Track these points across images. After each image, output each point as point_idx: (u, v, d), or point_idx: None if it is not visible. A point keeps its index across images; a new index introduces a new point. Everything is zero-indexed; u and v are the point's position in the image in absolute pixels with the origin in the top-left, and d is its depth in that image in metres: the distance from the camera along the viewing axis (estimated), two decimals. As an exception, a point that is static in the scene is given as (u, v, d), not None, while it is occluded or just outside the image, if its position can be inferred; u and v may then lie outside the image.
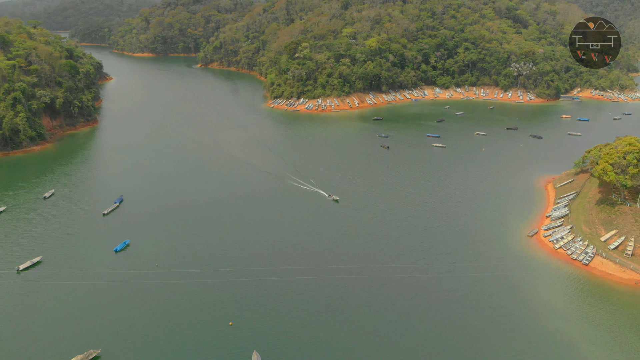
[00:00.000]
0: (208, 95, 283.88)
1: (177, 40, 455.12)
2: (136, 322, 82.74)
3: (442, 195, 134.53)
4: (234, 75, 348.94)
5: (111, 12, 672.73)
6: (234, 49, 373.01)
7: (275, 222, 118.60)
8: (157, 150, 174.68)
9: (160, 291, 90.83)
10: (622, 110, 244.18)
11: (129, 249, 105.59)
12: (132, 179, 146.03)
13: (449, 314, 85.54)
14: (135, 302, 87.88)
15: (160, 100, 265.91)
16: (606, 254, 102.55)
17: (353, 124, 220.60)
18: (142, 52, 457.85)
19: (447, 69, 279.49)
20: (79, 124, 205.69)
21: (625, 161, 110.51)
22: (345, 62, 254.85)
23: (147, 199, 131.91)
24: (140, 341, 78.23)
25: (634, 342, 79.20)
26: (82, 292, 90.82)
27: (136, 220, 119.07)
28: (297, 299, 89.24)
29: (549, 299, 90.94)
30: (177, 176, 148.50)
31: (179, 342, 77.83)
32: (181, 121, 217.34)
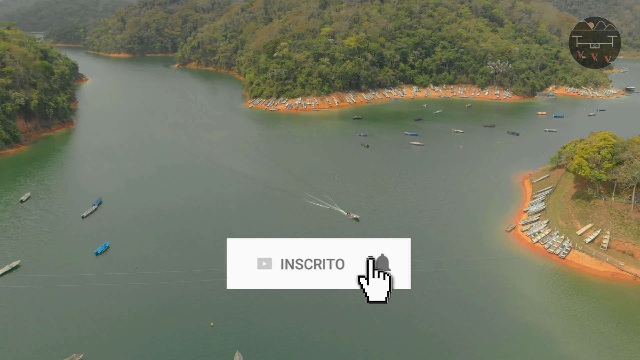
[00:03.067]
0: (186, 95, 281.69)
1: (154, 41, 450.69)
2: (118, 325, 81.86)
3: (423, 194, 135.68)
4: (212, 75, 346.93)
5: (86, 13, 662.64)
6: (212, 49, 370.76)
7: (255, 222, 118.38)
8: (136, 151, 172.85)
9: (142, 293, 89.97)
10: (596, 107, 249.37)
11: (109, 252, 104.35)
12: (111, 181, 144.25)
13: (432, 311, 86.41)
14: (117, 305, 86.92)
15: (137, 101, 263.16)
16: (582, 247, 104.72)
17: (333, 123, 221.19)
18: (119, 52, 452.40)
19: (425, 67, 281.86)
20: (55, 126, 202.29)
21: (600, 156, 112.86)
22: (325, 62, 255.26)
23: (126, 200, 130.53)
24: (122, 344, 77.45)
25: (611, 333, 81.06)
26: (63, 296, 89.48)
27: (116, 223, 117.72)
28: (278, 298, 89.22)
29: (527, 292, 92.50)
30: (156, 178, 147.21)
31: (160, 344, 77.29)
32: (159, 122, 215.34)
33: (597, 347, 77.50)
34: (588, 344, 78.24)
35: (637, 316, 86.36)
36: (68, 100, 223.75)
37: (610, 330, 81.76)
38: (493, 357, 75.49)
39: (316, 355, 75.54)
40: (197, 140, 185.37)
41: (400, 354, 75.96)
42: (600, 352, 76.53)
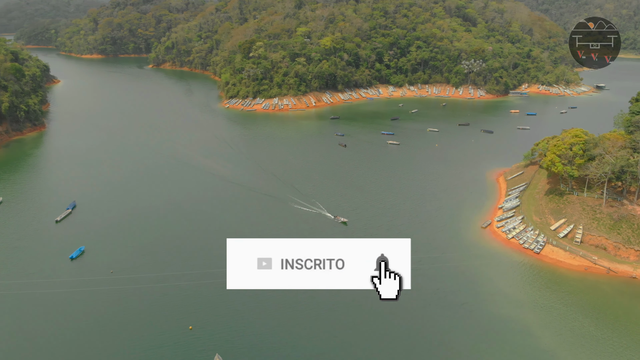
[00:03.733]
0: (161, 96, 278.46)
1: (127, 41, 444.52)
2: (94, 331, 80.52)
3: (401, 193, 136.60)
4: (187, 76, 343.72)
5: (58, 13, 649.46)
6: (186, 49, 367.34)
7: (232, 224, 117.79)
8: (110, 154, 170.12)
9: (118, 298, 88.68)
10: (567, 104, 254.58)
11: (84, 256, 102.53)
12: (85, 185, 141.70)
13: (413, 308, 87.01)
14: (93, 310, 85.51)
15: (111, 103, 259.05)
16: (556, 242, 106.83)
17: (311, 123, 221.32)
18: (91, 53, 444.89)
19: (401, 67, 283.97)
20: (26, 129, 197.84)
21: (572, 152, 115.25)
22: (301, 61, 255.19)
23: (101, 204, 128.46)
24: (99, 350, 76.21)
25: (585, 326, 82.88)
26: (37, 302, 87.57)
27: (90, 226, 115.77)
28: (258, 299, 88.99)
29: (503, 287, 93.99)
30: (132, 181, 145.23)
31: (138, 349, 76.28)
32: (134, 124, 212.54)
33: (572, 340, 79.14)
34: (563, 337, 79.83)
35: (610, 309, 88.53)
36: (40, 103, 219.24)
37: (585, 323, 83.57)
38: (473, 352, 76.48)
39: (298, 356, 75.51)
40: (172, 142, 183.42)
41: (382, 351, 76.42)
42: (575, 344, 78.17)
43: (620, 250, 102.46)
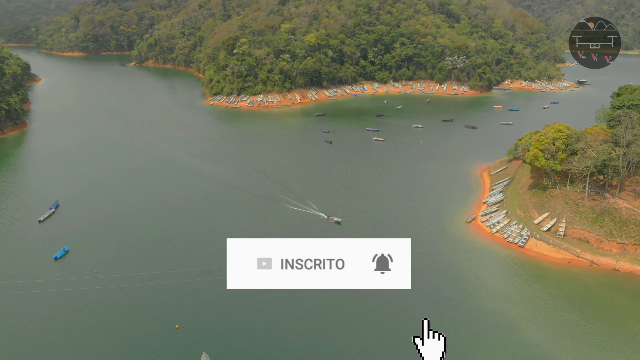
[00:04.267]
0: (145, 94, 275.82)
1: (109, 39, 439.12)
2: (80, 332, 79.76)
3: (387, 189, 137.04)
4: (170, 73, 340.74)
5: (38, 11, 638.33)
6: (169, 46, 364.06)
7: (220, 223, 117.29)
8: (93, 153, 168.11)
9: (103, 298, 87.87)
10: (550, 100, 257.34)
11: (68, 256, 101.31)
12: (67, 184, 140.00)
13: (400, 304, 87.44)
14: (78, 311, 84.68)
15: (93, 101, 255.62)
16: (540, 235, 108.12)
17: (296, 119, 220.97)
18: (73, 51, 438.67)
19: (385, 64, 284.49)
20: (7, 128, 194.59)
21: (555, 147, 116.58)
22: (285, 58, 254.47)
23: (84, 203, 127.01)
24: (84, 351, 75.49)
25: (569, 318, 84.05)
26: (21, 303, 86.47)
27: (74, 226, 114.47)
28: (244, 298, 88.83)
29: (489, 282, 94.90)
30: (115, 180, 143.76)
31: (124, 349, 75.69)
32: (117, 122, 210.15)
33: (557, 333, 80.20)
34: (548, 330, 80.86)
35: (593, 301, 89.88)
36: (20, 102, 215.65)
37: (569, 315, 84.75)
38: (460, 347, 76.99)
39: (285, 355, 75.55)
40: (156, 140, 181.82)
41: (369, 348, 76.76)
42: (560, 336, 79.23)
43: (602, 243, 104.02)
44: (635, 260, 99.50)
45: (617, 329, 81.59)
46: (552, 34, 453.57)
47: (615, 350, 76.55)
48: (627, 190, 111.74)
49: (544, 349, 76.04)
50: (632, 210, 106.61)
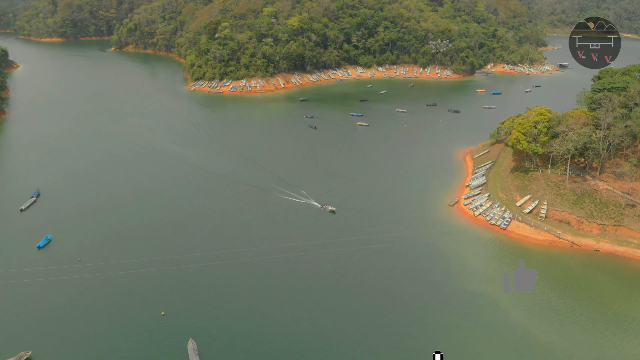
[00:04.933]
0: (125, 80, 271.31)
1: (88, 23, 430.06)
2: (66, 320, 79.40)
3: (372, 174, 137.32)
4: (151, 58, 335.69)
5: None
6: (149, 31, 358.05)
7: (202, 209, 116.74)
8: (74, 141, 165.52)
9: (88, 286, 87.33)
10: (532, 83, 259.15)
11: (51, 245, 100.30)
12: (48, 173, 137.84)
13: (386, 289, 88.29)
14: (63, 299, 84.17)
15: (74, 88, 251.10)
16: (522, 217, 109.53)
17: (280, 105, 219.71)
18: (51, 37, 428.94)
19: (369, 48, 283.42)
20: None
21: (536, 130, 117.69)
22: (268, 42, 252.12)
23: (66, 192, 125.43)
24: (70, 339, 75.20)
25: (550, 297, 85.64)
26: (6, 292, 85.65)
27: (56, 214, 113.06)
28: (229, 285, 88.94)
29: (472, 264, 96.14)
30: (97, 168, 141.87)
31: (110, 336, 75.51)
32: (98, 109, 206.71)
33: (538, 312, 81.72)
34: (531, 310, 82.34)
35: (574, 281, 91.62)
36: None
37: (550, 295, 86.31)
38: (447, 329, 78.20)
39: (271, 340, 75.95)
40: (138, 127, 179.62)
41: (357, 332, 77.46)
42: (541, 316, 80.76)
43: (583, 224, 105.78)
44: (615, 240, 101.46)
45: (598, 308, 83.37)
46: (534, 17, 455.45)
47: (596, 328, 78.31)
48: (607, 172, 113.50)
49: (528, 329, 77.44)
50: (612, 191, 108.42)
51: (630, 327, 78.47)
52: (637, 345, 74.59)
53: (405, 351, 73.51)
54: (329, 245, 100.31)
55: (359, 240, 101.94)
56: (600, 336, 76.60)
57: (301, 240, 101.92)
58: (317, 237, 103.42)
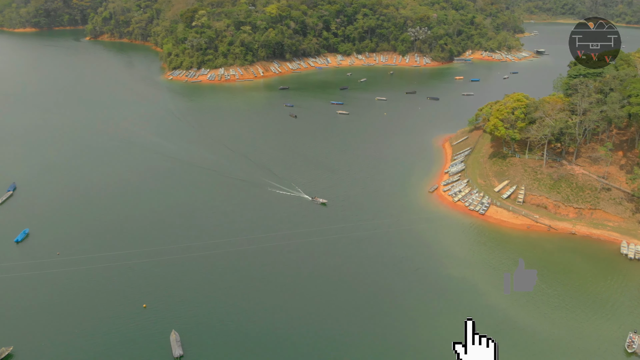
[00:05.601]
0: (101, 70, 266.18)
1: (62, 13, 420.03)
2: (46, 314, 78.58)
3: (354, 162, 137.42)
4: (127, 47, 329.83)
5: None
6: (125, 20, 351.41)
7: (183, 201, 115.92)
8: (49, 133, 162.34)
9: (68, 280, 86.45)
10: (509, 70, 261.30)
11: (29, 239, 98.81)
12: (24, 166, 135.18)
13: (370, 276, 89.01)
14: (43, 294, 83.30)
15: (48, 79, 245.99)
16: (500, 203, 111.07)
17: (260, 93, 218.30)
18: (24, 27, 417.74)
19: (348, 35, 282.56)
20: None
21: (514, 116, 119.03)
22: (246, 30, 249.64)
23: (43, 185, 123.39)
24: (52, 333, 74.52)
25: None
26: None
27: (33, 208, 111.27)
28: (211, 274, 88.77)
29: (452, 249, 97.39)
30: (74, 160, 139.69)
31: (92, 330, 75.00)
32: (73, 101, 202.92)
33: (518, 296, 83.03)
34: (510, 294, 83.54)
35: (551, 264, 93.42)
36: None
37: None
38: (429, 314, 79.37)
39: (253, 328, 76.18)
40: (114, 118, 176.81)
41: (341, 319, 78.07)
42: (522, 300, 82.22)
43: (560, 208, 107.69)
44: (591, 224, 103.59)
45: (576, 290, 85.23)
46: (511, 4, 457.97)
47: (574, 310, 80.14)
48: (583, 156, 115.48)
49: (508, 313, 78.86)
50: (587, 176, 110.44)
51: (607, 309, 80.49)
52: (614, 326, 76.52)
53: (387, 337, 74.37)
54: (312, 234, 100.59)
55: (342, 229, 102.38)
56: (578, 318, 78.42)
57: (284, 230, 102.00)
58: (300, 226, 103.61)
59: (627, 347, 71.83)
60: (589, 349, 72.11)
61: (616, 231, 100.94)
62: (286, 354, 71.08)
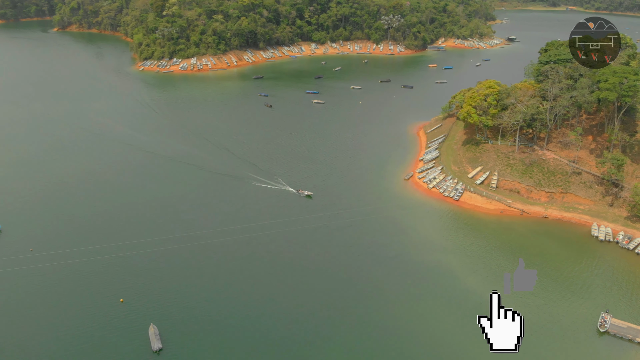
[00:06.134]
0: (70, 62, 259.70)
1: (29, 4, 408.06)
2: (21, 311, 77.16)
3: (331, 152, 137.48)
4: (96, 38, 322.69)
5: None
6: (93, 9, 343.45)
7: (158, 194, 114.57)
8: (18, 127, 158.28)
9: (42, 276, 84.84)
10: (482, 57, 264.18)
11: (1, 235, 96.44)
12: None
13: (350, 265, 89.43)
14: (17, 291, 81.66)
15: (16, 72, 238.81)
16: (474, 188, 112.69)
17: (234, 83, 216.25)
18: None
19: (322, 24, 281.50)
20: None
21: (486, 103, 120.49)
22: (218, 19, 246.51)
23: (13, 181, 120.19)
24: (28, 330, 73.27)
25: (502, 264, 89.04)
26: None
27: (4, 205, 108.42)
28: (189, 266, 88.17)
29: (428, 235, 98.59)
30: (44, 154, 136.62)
31: (68, 325, 73.97)
32: (42, 94, 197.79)
33: (490, 279, 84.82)
34: (483, 276, 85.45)
35: (524, 247, 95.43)
36: None
37: (502, 262, 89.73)
38: (409, 299, 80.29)
39: (231, 319, 76.13)
40: (86, 110, 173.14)
41: (321, 308, 78.45)
42: (493, 282, 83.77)
43: (532, 192, 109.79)
44: (562, 207, 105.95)
45: (548, 272, 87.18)
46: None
47: (548, 291, 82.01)
48: (554, 141, 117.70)
49: (480, 295, 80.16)
50: (558, 160, 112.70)
51: (579, 290, 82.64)
52: (586, 307, 78.57)
53: (368, 324, 75.01)
54: (291, 223, 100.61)
55: (321, 218, 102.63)
56: (552, 299, 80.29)
57: (263, 221, 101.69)
58: (278, 216, 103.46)
59: (600, 326, 73.99)
60: (563, 329, 74.00)
61: (587, 214, 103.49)
62: (266, 344, 71.24)
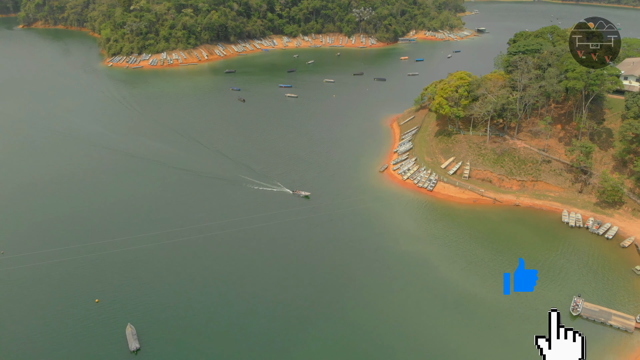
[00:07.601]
0: (36, 59, 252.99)
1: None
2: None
3: (307, 146, 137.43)
4: (63, 34, 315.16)
5: None
6: (59, 5, 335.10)
7: (128, 191, 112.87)
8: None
9: (13, 279, 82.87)
10: (452, 49, 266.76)
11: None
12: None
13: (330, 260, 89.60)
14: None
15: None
16: (447, 179, 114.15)
17: (205, 78, 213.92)
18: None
19: (293, 17, 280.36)
20: None
21: (458, 94, 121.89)
22: (188, 12, 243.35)
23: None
24: (1, 336, 71.39)
25: (476, 252, 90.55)
26: None
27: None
28: (165, 265, 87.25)
29: (403, 226, 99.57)
30: (12, 155, 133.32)
31: (42, 328, 72.55)
32: (7, 93, 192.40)
33: (465, 266, 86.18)
34: (461, 266, 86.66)
35: (497, 235, 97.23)
36: None
37: (475, 250, 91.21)
38: (389, 292, 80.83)
39: (210, 318, 75.68)
40: (54, 109, 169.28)
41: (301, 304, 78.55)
42: (468, 270, 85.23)
43: (504, 181, 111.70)
44: (534, 195, 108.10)
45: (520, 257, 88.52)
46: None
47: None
48: (524, 131, 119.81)
49: (455, 282, 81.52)
50: (529, 149, 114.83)
51: (552, 275, 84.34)
52: (559, 291, 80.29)
53: (349, 317, 75.36)
54: (270, 218, 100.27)
55: (300, 212, 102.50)
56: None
57: (240, 216, 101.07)
58: (257, 211, 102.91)
59: (572, 310, 75.84)
60: (536, 314, 75.36)
61: (557, 201, 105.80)
62: (246, 341, 71.02)
